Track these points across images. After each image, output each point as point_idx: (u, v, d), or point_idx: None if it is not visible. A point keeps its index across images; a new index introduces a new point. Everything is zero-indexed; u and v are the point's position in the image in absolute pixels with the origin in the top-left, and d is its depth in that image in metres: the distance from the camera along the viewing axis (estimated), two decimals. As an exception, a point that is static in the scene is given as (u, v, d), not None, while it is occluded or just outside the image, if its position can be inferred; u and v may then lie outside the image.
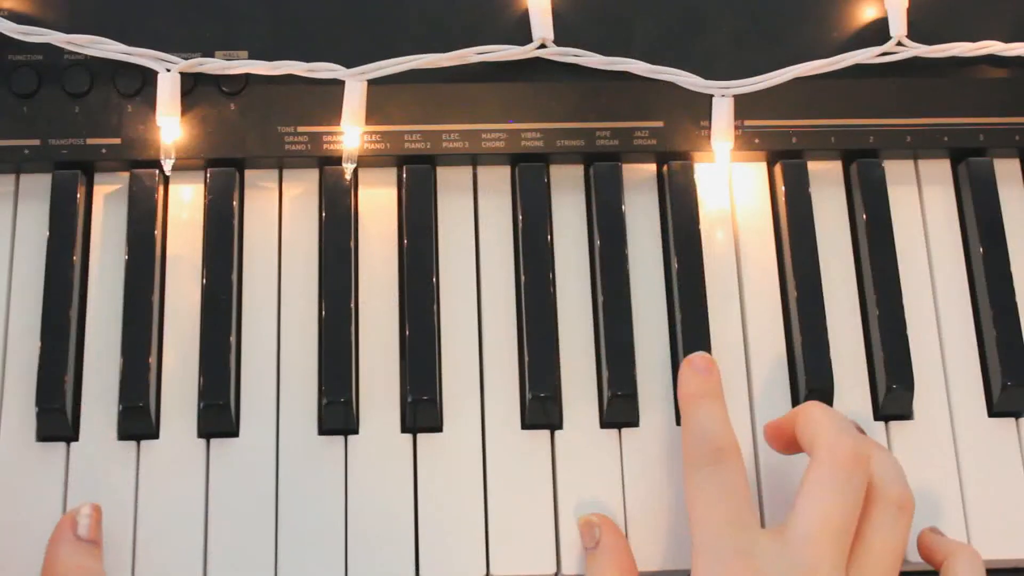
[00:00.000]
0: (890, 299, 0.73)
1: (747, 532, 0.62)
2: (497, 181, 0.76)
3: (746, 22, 0.77)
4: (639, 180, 0.76)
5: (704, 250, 0.74)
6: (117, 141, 0.73)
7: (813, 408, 0.66)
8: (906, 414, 0.73)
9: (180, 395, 0.71)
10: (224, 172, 0.74)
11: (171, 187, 0.75)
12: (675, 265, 0.73)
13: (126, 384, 0.69)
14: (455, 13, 0.76)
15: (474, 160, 0.76)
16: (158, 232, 0.73)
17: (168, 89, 0.73)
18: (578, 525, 0.69)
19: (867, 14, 0.77)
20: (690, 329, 0.72)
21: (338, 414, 0.70)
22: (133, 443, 0.70)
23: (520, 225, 0.74)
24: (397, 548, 0.69)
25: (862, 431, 0.68)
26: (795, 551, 0.61)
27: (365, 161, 0.75)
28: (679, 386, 0.69)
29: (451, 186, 0.76)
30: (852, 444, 0.63)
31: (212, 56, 0.74)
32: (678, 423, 0.71)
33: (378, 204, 0.75)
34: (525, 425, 0.71)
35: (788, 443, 0.68)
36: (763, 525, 0.70)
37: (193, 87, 0.74)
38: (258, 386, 0.71)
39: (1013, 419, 0.73)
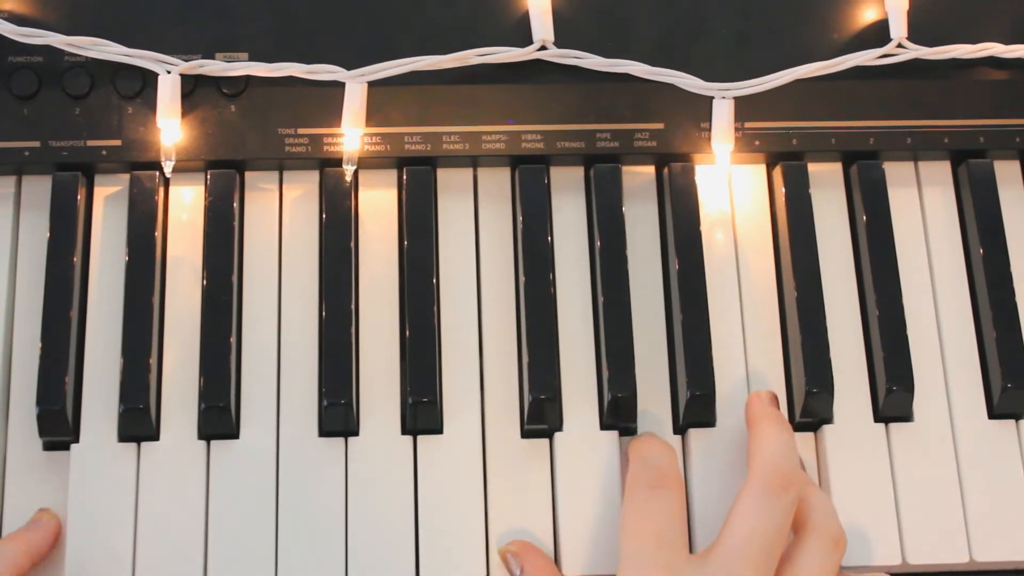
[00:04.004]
0: (890, 300, 0.73)
1: (674, 552, 0.63)
2: (497, 183, 0.76)
3: (746, 24, 0.77)
4: (639, 182, 0.76)
5: (704, 252, 0.74)
6: (117, 143, 0.73)
7: (765, 422, 0.67)
8: (906, 416, 0.73)
9: (180, 397, 0.71)
10: (224, 174, 0.74)
11: (171, 189, 0.75)
12: (675, 266, 0.73)
13: (127, 385, 0.69)
14: (455, 15, 0.76)
15: (474, 162, 0.76)
16: (158, 234, 0.73)
17: (168, 91, 0.73)
18: (500, 558, 0.69)
19: (867, 16, 0.77)
20: (690, 331, 0.72)
21: (338, 416, 0.70)
22: (133, 444, 0.70)
23: (520, 227, 0.74)
24: (397, 549, 0.69)
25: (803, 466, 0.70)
26: (720, 567, 0.62)
27: (365, 163, 0.75)
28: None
29: (451, 188, 0.76)
30: (787, 470, 0.65)
31: (212, 58, 0.74)
32: (678, 425, 0.72)
33: (378, 206, 0.75)
34: (525, 427, 0.71)
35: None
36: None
37: (193, 89, 0.74)
38: (258, 388, 0.71)
39: (1013, 421, 0.73)
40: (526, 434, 0.71)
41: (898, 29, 0.76)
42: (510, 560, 0.68)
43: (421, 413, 0.70)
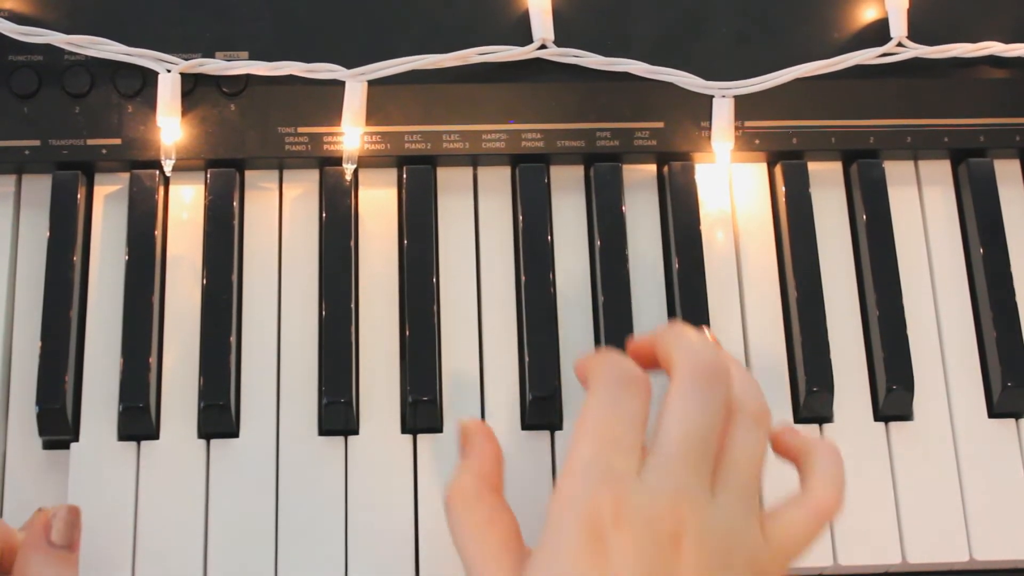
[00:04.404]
0: (890, 299, 0.73)
1: (628, 459, 0.60)
2: (497, 182, 0.76)
3: (746, 23, 0.77)
4: (639, 181, 0.76)
5: (704, 250, 0.74)
6: (117, 142, 0.73)
7: (672, 327, 0.65)
8: (906, 415, 0.73)
9: (180, 395, 0.71)
10: (224, 173, 0.74)
11: (171, 187, 0.75)
12: (675, 265, 0.73)
13: (126, 384, 0.69)
14: (455, 14, 0.76)
15: (474, 161, 0.76)
16: (158, 232, 0.73)
17: (168, 90, 0.73)
18: (458, 429, 0.68)
19: (868, 15, 0.77)
20: (690, 330, 0.72)
21: (338, 414, 0.70)
22: (133, 443, 0.70)
23: (520, 225, 0.74)
24: (397, 548, 0.69)
25: (719, 345, 0.67)
26: (658, 474, 0.60)
27: (365, 162, 0.75)
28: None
29: (451, 186, 0.76)
30: (711, 359, 0.62)
31: (212, 57, 0.74)
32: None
33: (378, 205, 0.75)
34: (525, 425, 0.71)
35: (650, 363, 0.66)
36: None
37: (193, 88, 0.74)
38: (258, 386, 0.71)
39: (1013, 420, 0.73)
40: (527, 426, 0.71)
41: (898, 28, 0.76)
42: (464, 435, 0.67)
43: (421, 412, 0.70)
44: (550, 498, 0.59)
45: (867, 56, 0.76)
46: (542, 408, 0.70)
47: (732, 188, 0.77)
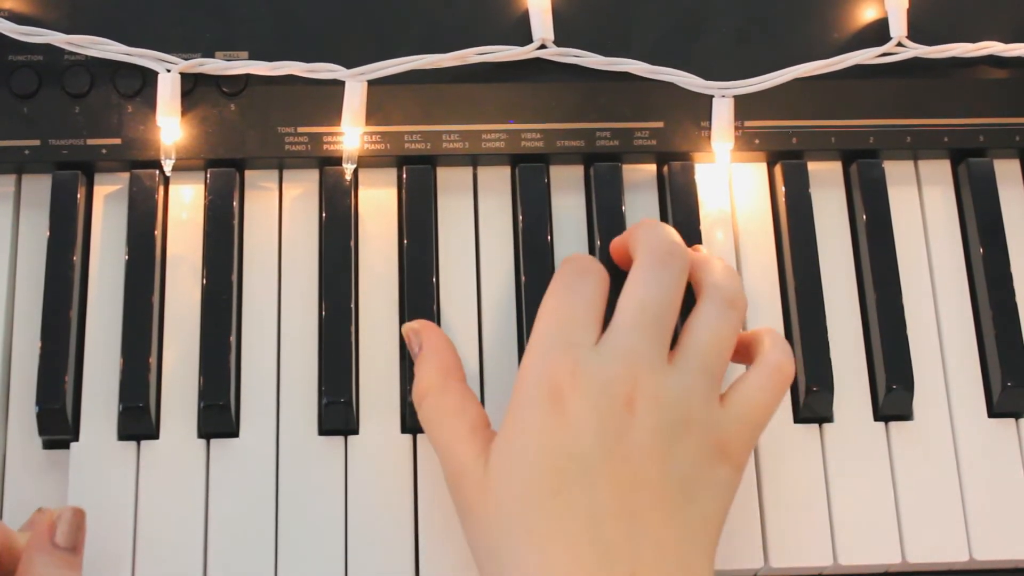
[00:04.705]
0: (890, 299, 0.73)
1: (586, 333, 0.64)
2: (497, 181, 0.76)
3: (746, 22, 0.77)
4: (639, 180, 0.76)
5: (704, 250, 0.74)
6: (117, 141, 0.73)
7: (642, 221, 0.68)
8: (906, 414, 0.73)
9: (180, 395, 0.71)
10: (224, 172, 0.74)
11: (171, 187, 0.75)
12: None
13: (126, 384, 0.69)
14: (455, 13, 0.76)
15: (474, 160, 0.76)
16: (158, 232, 0.73)
17: (168, 89, 0.73)
18: (404, 336, 0.71)
19: (867, 15, 0.77)
20: (690, 329, 0.72)
21: (338, 414, 0.70)
22: (133, 443, 0.70)
23: (520, 225, 0.74)
24: (397, 548, 0.69)
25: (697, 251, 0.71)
26: (613, 341, 0.63)
27: (365, 161, 0.75)
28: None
29: (451, 186, 0.76)
30: (666, 238, 0.66)
31: (212, 56, 0.74)
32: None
33: (378, 204, 0.75)
34: (525, 425, 0.71)
35: (626, 260, 0.70)
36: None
37: (193, 87, 0.74)
38: (258, 386, 0.71)
39: (1013, 420, 0.73)
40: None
41: (898, 28, 0.76)
42: (411, 337, 0.70)
43: (421, 412, 0.70)
44: (516, 376, 0.63)
45: (867, 56, 0.76)
46: (542, 408, 0.70)
47: (732, 188, 0.77)
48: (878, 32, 0.77)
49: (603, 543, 0.59)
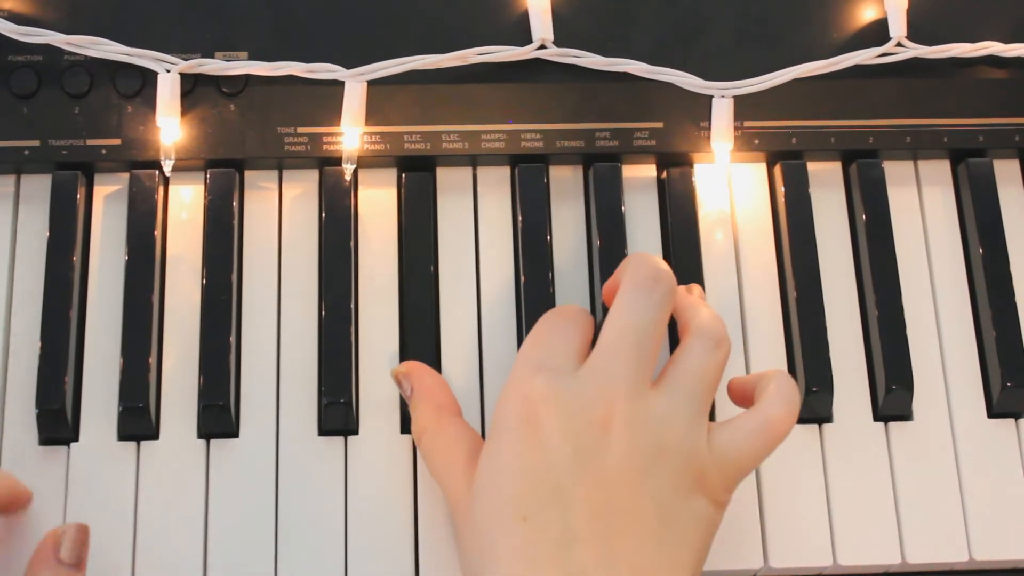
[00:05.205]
0: (890, 299, 0.73)
1: (561, 359, 0.63)
2: (497, 182, 0.76)
3: (746, 22, 0.77)
4: (639, 181, 0.76)
5: (704, 251, 0.74)
6: (117, 142, 0.73)
7: (630, 258, 0.67)
8: (906, 415, 0.73)
9: (180, 395, 0.71)
10: (224, 173, 0.74)
11: (171, 188, 0.75)
12: (674, 266, 0.73)
13: (126, 384, 0.69)
14: (455, 14, 0.76)
15: (474, 161, 0.76)
16: (158, 232, 0.73)
17: (168, 90, 0.73)
18: (394, 380, 0.70)
19: (867, 15, 0.77)
20: (690, 330, 0.72)
21: (338, 415, 0.70)
22: (133, 444, 0.70)
23: (520, 226, 0.74)
24: (397, 548, 0.69)
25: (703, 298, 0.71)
26: (592, 365, 0.63)
27: (365, 162, 0.75)
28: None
29: (451, 187, 0.76)
30: (651, 266, 0.65)
31: (212, 57, 0.74)
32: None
33: (378, 205, 0.75)
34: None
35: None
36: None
37: (193, 88, 0.74)
38: (258, 387, 0.71)
39: (1013, 420, 0.73)
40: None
41: (897, 28, 0.76)
42: (401, 381, 0.70)
43: (421, 412, 0.70)
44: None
45: (866, 56, 0.76)
46: (542, 408, 0.70)
47: (731, 188, 0.77)
48: (878, 32, 0.77)
49: (574, 567, 0.58)
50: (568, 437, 0.60)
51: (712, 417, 0.70)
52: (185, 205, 0.74)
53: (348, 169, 0.74)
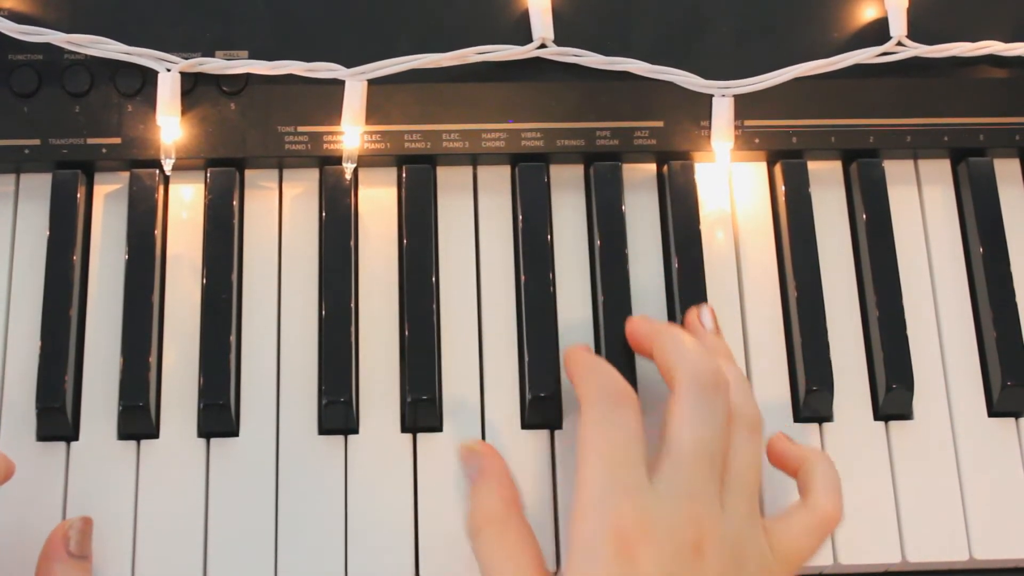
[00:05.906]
0: (890, 299, 0.73)
1: (638, 472, 0.61)
2: (497, 181, 0.76)
3: (746, 22, 0.77)
4: (639, 180, 0.76)
5: (704, 250, 0.74)
6: (117, 141, 0.73)
7: (670, 332, 0.66)
8: (906, 414, 0.73)
9: (180, 395, 0.71)
10: (224, 172, 0.74)
11: (171, 187, 0.75)
12: (675, 265, 0.73)
13: (126, 384, 0.69)
14: (455, 13, 0.76)
15: (474, 160, 0.76)
16: (158, 232, 0.73)
17: (168, 89, 0.73)
18: (460, 455, 0.69)
19: (867, 14, 0.77)
20: (690, 329, 0.72)
21: (338, 414, 0.70)
22: (133, 443, 0.70)
23: (520, 225, 0.74)
24: (397, 548, 0.69)
25: (719, 329, 0.70)
26: (673, 480, 0.61)
27: (365, 161, 0.75)
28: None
29: (451, 186, 0.76)
30: (714, 369, 0.64)
31: (212, 56, 0.74)
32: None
33: (378, 204, 0.75)
34: (525, 425, 0.71)
35: (640, 349, 0.69)
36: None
37: (193, 87, 0.74)
38: (258, 386, 0.71)
39: (1013, 419, 0.73)
40: (526, 425, 0.71)
41: (898, 27, 0.76)
42: (468, 458, 0.68)
43: (420, 411, 0.70)
44: (570, 524, 0.61)
45: (867, 55, 0.76)
46: (542, 407, 0.70)
47: (732, 187, 0.77)
48: (878, 31, 0.77)
49: None
50: (665, 563, 0.59)
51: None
52: (185, 204, 0.74)
53: (348, 168, 0.74)
